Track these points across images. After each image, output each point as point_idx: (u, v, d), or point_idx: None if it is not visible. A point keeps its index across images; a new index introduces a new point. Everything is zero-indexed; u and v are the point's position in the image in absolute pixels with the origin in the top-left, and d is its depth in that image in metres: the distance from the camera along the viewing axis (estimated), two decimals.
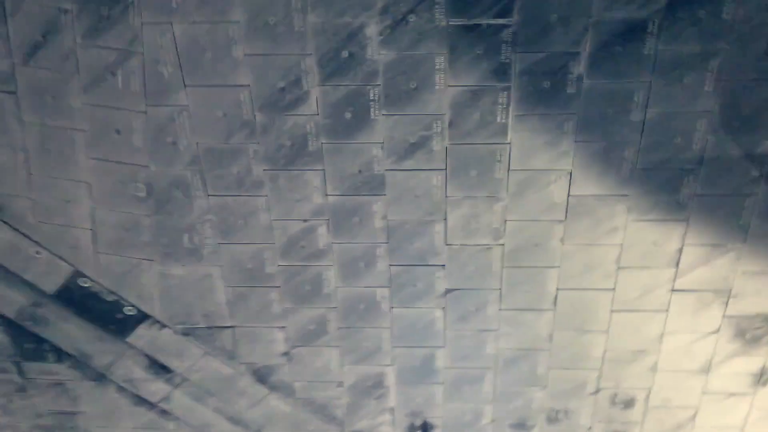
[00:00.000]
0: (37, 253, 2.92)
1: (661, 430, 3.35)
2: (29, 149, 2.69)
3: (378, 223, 2.81)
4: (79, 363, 3.25)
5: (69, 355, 3.22)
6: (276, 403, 3.34)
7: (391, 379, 3.25)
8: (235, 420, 3.41)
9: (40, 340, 3.18)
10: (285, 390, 3.30)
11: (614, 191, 2.68)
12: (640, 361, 3.12)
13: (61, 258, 2.93)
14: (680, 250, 2.81)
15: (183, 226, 2.85)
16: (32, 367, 3.28)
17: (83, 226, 2.86)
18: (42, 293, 3.02)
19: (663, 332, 3.03)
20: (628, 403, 3.26)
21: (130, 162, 2.71)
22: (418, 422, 3.40)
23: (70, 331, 3.13)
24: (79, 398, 3.38)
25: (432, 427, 3.41)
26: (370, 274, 2.95)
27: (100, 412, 3.44)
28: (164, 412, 3.41)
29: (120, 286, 3.01)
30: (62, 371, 3.29)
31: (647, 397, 3.23)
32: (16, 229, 2.87)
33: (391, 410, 3.36)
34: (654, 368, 3.14)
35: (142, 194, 2.77)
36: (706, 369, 3.12)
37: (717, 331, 3.01)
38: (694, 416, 3.28)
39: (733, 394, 3.19)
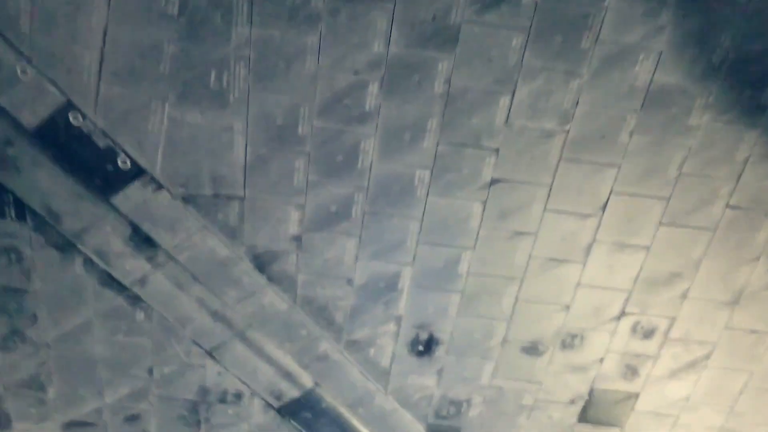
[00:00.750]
0: (24, 71, 2.39)
1: (672, 368, 3.19)
2: None
3: (438, 87, 2.49)
4: (45, 224, 2.72)
5: (34, 214, 2.69)
6: (271, 298, 2.93)
7: (406, 280, 2.92)
8: (218, 316, 2.97)
9: (0, 190, 2.64)
10: (285, 282, 2.90)
11: (700, 81, 2.48)
12: (673, 286, 2.94)
13: (52, 82, 2.43)
14: (746, 161, 2.65)
15: (213, 60, 2.42)
16: None
17: (90, 44, 2.37)
18: (18, 127, 2.49)
19: (704, 254, 2.86)
20: (648, 333, 3.08)
21: None
22: (424, 336, 3.08)
23: (42, 181, 2.61)
24: (34, 271, 2.85)
25: (437, 342, 3.10)
26: (413, 151, 2.62)
27: (55, 292, 2.91)
28: (135, 299, 2.93)
29: (118, 129, 2.53)
30: (21, 233, 2.75)
31: (669, 328, 3.06)
32: (2, 36, 2.34)
33: (398, 319, 3.02)
34: (684, 295, 2.97)
35: (173, 11, 2.33)
36: (736, 300, 2.99)
37: (757, 258, 2.88)
38: (709, 354, 3.15)
39: (754, 332, 3.07)
